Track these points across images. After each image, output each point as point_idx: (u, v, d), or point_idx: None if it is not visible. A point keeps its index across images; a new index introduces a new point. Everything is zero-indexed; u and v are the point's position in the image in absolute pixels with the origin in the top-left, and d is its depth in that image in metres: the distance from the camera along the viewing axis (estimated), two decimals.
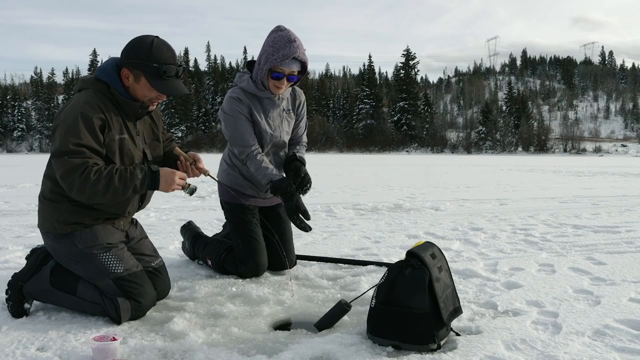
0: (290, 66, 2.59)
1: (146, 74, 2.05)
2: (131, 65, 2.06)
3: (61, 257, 2.14)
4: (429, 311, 1.80)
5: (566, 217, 5.25)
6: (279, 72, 2.59)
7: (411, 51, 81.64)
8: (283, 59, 2.54)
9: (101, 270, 2.08)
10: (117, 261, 2.11)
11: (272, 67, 2.58)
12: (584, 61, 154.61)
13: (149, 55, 2.03)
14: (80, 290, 2.10)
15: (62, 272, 2.14)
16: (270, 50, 2.57)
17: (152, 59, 2.03)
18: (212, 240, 2.98)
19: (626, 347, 1.83)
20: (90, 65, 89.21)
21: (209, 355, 1.74)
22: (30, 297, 2.14)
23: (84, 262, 2.09)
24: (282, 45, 2.55)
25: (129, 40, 2.11)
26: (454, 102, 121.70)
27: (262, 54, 2.62)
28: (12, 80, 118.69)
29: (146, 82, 2.07)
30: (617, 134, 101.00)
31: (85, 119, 1.97)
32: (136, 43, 2.07)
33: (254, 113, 2.73)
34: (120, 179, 1.98)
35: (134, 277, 2.11)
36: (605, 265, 3.08)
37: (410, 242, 3.78)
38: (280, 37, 2.56)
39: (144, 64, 2.04)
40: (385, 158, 39.86)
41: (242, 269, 2.75)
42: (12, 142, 78.93)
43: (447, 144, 78.76)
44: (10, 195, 7.46)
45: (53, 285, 2.12)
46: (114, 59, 2.14)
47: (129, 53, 2.07)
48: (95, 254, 2.09)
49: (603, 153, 72.79)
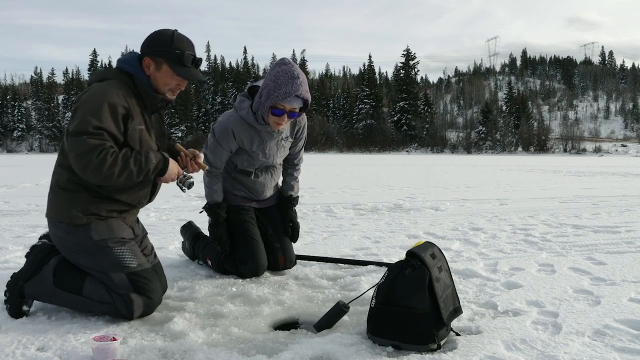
0: (292, 103, 2.57)
1: (168, 61, 2.14)
2: (153, 54, 2.14)
3: (71, 249, 2.11)
4: (429, 311, 1.80)
5: (566, 217, 5.25)
6: (280, 108, 2.58)
7: (411, 51, 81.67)
8: (285, 97, 2.53)
9: (115, 264, 2.07)
10: (132, 256, 2.11)
11: (273, 103, 2.57)
12: (584, 61, 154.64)
13: (171, 43, 2.14)
14: (86, 290, 2.07)
15: (66, 271, 2.11)
16: (272, 85, 2.55)
17: (174, 47, 2.14)
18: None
19: (626, 347, 1.83)
20: (90, 65, 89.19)
21: (209, 355, 1.74)
22: (32, 298, 2.12)
23: (98, 255, 2.07)
24: (284, 81, 2.52)
25: (149, 34, 2.21)
26: (454, 102, 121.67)
27: (263, 88, 2.60)
28: (12, 80, 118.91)
29: (168, 68, 2.15)
30: (617, 134, 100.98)
31: (110, 105, 2.01)
32: (158, 34, 2.18)
33: (250, 144, 2.76)
34: (136, 162, 2.02)
35: (145, 272, 2.12)
36: (605, 265, 3.08)
37: (410, 242, 3.78)
38: (283, 72, 2.54)
39: (166, 52, 2.13)
40: (385, 158, 39.86)
41: (242, 269, 2.76)
42: (12, 142, 78.91)
43: (447, 144, 78.74)
44: (10, 195, 7.46)
45: (57, 286, 2.09)
46: (134, 53, 2.20)
47: (151, 42, 2.16)
48: (110, 247, 2.08)
49: (603, 153, 72.77)
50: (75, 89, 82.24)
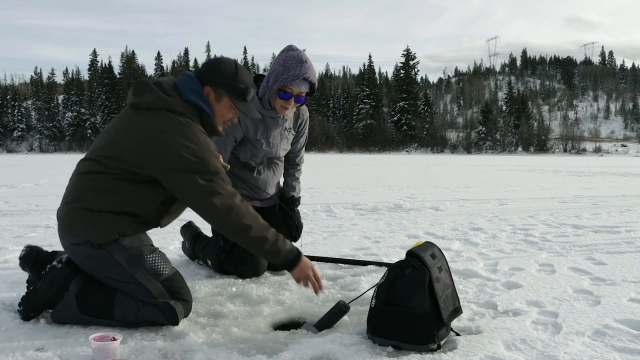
0: (300, 87, 2.59)
1: (230, 94, 2.10)
2: (216, 84, 2.09)
3: (102, 265, 1.98)
4: (429, 311, 1.80)
5: (566, 217, 5.25)
6: (288, 91, 2.59)
7: (411, 51, 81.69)
8: (293, 79, 2.55)
9: (150, 273, 2.00)
10: (163, 262, 2.06)
11: (281, 86, 2.58)
12: (584, 61, 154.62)
13: (236, 77, 2.10)
14: (118, 314, 1.96)
15: (90, 296, 1.99)
16: (280, 69, 2.56)
17: (239, 80, 2.10)
18: (212, 241, 2.98)
19: (626, 347, 1.83)
20: (90, 65, 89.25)
21: (209, 355, 1.74)
22: (63, 322, 2.02)
23: (133, 266, 1.98)
24: (293, 64, 2.55)
25: (210, 60, 2.16)
26: (454, 102, 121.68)
27: (271, 72, 2.61)
28: (12, 80, 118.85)
29: (229, 101, 2.12)
30: (617, 134, 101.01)
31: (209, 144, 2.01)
32: (221, 64, 2.12)
33: (255, 131, 2.76)
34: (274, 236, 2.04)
35: (177, 276, 2.09)
36: (605, 265, 3.08)
37: (410, 242, 3.78)
38: (291, 56, 2.56)
39: (229, 84, 2.09)
40: (385, 158, 39.85)
41: (242, 269, 2.76)
42: (12, 142, 78.90)
43: (447, 144, 78.76)
44: (10, 195, 7.46)
45: (84, 313, 1.98)
46: (192, 77, 2.09)
47: (216, 73, 2.09)
48: (143, 256, 2.01)
49: (603, 153, 72.78)
50: (75, 89, 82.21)
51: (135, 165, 1.95)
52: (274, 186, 3.03)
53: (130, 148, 1.95)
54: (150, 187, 1.99)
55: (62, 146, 77.43)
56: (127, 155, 1.95)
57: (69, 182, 2.09)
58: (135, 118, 2.00)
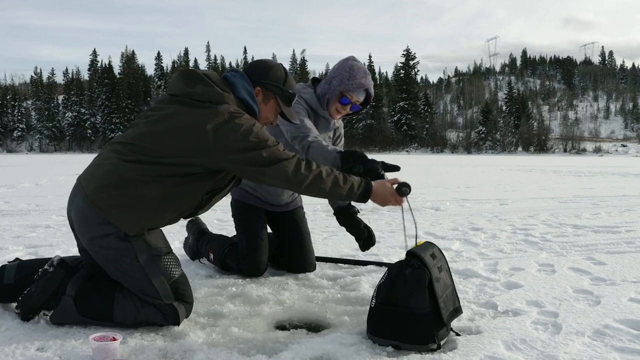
0: (359, 96, 2.70)
1: (279, 98, 2.17)
2: (266, 86, 2.14)
3: (121, 259, 1.93)
4: (429, 311, 1.80)
5: (566, 217, 5.25)
6: (349, 97, 2.69)
7: (411, 51, 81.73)
8: (358, 87, 2.66)
9: (163, 274, 1.98)
10: (177, 264, 2.05)
11: (344, 90, 2.66)
12: (583, 61, 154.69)
13: (285, 81, 2.17)
14: (117, 316, 1.96)
15: (88, 300, 1.97)
16: (347, 75, 2.66)
17: (288, 86, 2.18)
18: (218, 236, 3.00)
19: (626, 347, 1.83)
20: (90, 65, 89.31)
21: (209, 355, 1.74)
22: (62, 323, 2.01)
23: (151, 264, 1.95)
24: (359, 74, 2.67)
25: (260, 61, 2.22)
26: (454, 102, 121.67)
27: (334, 76, 2.69)
28: (12, 80, 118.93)
29: (275, 105, 2.17)
30: (617, 134, 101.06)
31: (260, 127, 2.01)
32: (273, 67, 2.18)
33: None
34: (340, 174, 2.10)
35: (183, 278, 2.08)
36: (605, 265, 3.08)
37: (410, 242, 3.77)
38: (357, 66, 2.69)
39: (280, 89, 2.16)
40: (385, 158, 39.77)
41: (243, 264, 2.77)
42: (12, 142, 78.95)
43: (447, 144, 78.81)
44: (10, 195, 7.46)
45: (83, 315, 1.97)
46: (244, 76, 2.13)
47: (266, 74, 2.15)
48: (161, 256, 2.00)
49: (603, 153, 72.80)
50: (75, 89, 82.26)
51: (192, 157, 1.91)
52: (289, 195, 3.01)
53: (186, 140, 1.90)
54: (202, 179, 1.98)
55: (62, 146, 77.49)
56: (182, 146, 1.90)
57: (99, 162, 2.00)
58: (187, 110, 1.94)
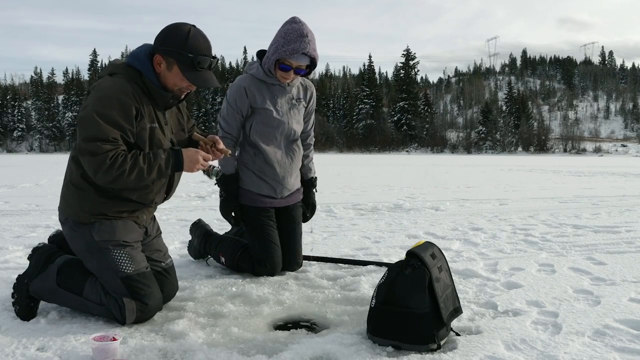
0: (299, 60, 2.61)
1: (179, 63, 2.02)
2: (165, 53, 2.02)
3: (77, 247, 2.11)
4: (429, 311, 1.80)
5: (566, 217, 5.25)
6: (287, 64, 2.62)
7: (411, 51, 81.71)
8: (292, 53, 2.56)
9: (111, 267, 2.03)
10: (129, 261, 2.06)
11: (279, 58, 2.60)
12: (583, 61, 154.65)
13: (185, 45, 2.00)
14: (86, 292, 2.05)
15: (69, 271, 2.09)
16: (281, 41, 2.59)
17: (188, 49, 2.00)
18: (226, 238, 2.99)
19: (626, 347, 1.83)
20: (90, 65, 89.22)
21: (209, 355, 1.74)
22: (37, 296, 2.10)
23: (98, 256, 2.05)
24: (293, 38, 2.56)
25: (165, 27, 2.07)
26: (454, 102, 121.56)
27: (272, 44, 2.64)
28: (12, 80, 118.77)
29: (178, 71, 2.03)
30: (617, 134, 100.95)
31: (122, 104, 1.95)
32: (172, 30, 2.03)
33: (262, 99, 2.76)
34: (145, 160, 1.98)
35: (142, 277, 2.07)
36: (605, 265, 3.08)
37: (410, 242, 3.78)
38: (292, 29, 2.57)
39: (178, 53, 2.00)
40: (385, 158, 39.85)
41: (258, 269, 2.78)
42: (12, 142, 78.90)
43: (447, 144, 78.76)
44: (10, 195, 7.46)
45: (59, 285, 2.07)
46: (147, 46, 2.09)
47: (164, 40, 2.02)
48: (109, 249, 2.04)
49: (603, 153, 72.75)
50: (75, 89, 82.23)
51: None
52: (292, 176, 2.94)
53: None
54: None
55: (62, 146, 77.43)
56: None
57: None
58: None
